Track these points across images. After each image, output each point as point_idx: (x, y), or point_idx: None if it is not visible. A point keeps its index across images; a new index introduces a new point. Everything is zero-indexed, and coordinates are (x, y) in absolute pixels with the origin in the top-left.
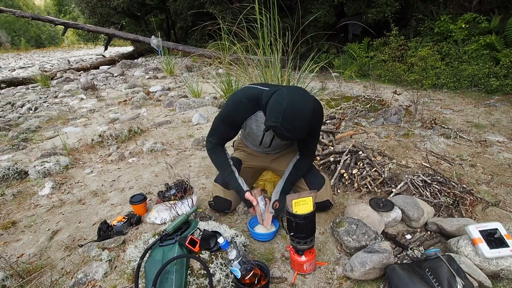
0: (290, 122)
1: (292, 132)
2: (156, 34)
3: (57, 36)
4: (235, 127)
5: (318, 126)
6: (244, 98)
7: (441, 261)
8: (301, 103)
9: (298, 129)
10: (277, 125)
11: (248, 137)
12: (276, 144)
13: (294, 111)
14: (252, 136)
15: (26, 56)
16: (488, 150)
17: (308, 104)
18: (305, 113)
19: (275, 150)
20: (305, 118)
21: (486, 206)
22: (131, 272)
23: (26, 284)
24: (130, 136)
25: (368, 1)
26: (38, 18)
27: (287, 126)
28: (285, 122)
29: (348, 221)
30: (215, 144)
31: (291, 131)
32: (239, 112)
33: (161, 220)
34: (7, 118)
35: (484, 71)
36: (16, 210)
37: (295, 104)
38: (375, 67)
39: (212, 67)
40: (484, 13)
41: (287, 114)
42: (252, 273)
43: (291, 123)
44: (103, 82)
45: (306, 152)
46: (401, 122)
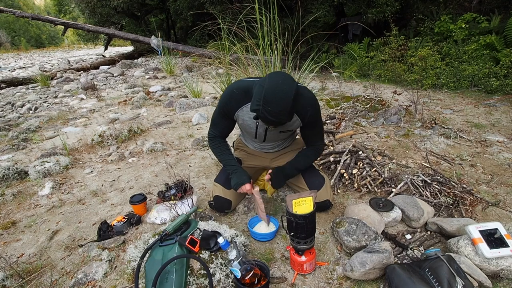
0: (271, 104)
1: (274, 115)
2: (156, 34)
3: (57, 36)
4: (229, 119)
5: (316, 115)
6: (235, 89)
7: (441, 261)
8: (282, 86)
9: (280, 112)
10: (259, 108)
11: (244, 132)
12: (271, 136)
13: (275, 93)
14: (246, 129)
15: (26, 56)
16: (488, 150)
17: (289, 87)
18: (286, 95)
19: (272, 143)
20: (286, 101)
21: (486, 206)
22: (131, 272)
23: (26, 284)
24: (130, 136)
25: (368, 1)
26: (38, 18)
27: (268, 108)
28: (266, 105)
29: (348, 221)
30: (214, 136)
31: (273, 114)
32: (230, 103)
33: (161, 220)
34: (7, 118)
35: (484, 71)
36: (16, 210)
37: (276, 87)
38: (375, 67)
39: (212, 67)
40: (484, 13)
41: (268, 97)
42: (252, 273)
43: (272, 105)
44: (103, 82)
45: (310, 141)
46: (401, 122)
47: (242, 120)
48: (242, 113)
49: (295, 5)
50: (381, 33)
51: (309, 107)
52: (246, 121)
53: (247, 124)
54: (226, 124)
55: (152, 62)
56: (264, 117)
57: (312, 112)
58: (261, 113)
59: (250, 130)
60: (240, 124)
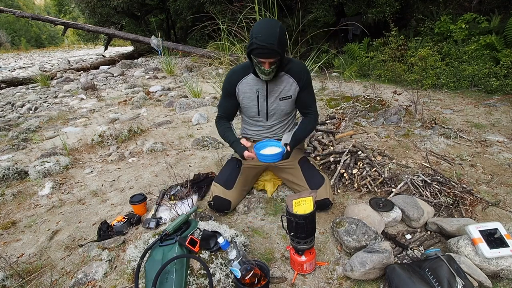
0: (261, 31)
1: (265, 39)
2: (156, 34)
3: (57, 36)
4: (232, 97)
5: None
6: (235, 67)
7: (441, 261)
8: (267, 20)
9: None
10: (253, 41)
11: (246, 113)
12: (273, 106)
13: (263, 25)
14: (248, 104)
15: (26, 56)
16: (488, 150)
17: (274, 21)
18: (272, 24)
19: (276, 121)
20: (273, 28)
21: (486, 206)
22: (131, 272)
23: (26, 284)
24: (130, 136)
25: (368, 1)
26: (38, 18)
27: (259, 36)
28: (257, 34)
29: (348, 221)
30: (219, 118)
31: (264, 39)
32: (232, 79)
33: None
34: (7, 118)
35: (484, 71)
36: (16, 210)
37: (263, 22)
38: (375, 67)
39: (212, 67)
40: (484, 13)
41: (257, 29)
42: (252, 273)
43: (262, 32)
44: (103, 82)
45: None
46: (401, 122)
47: (243, 93)
48: (242, 85)
49: (295, 5)
50: (381, 33)
51: (302, 69)
52: (247, 94)
53: (248, 97)
54: (230, 103)
55: (152, 62)
56: (257, 46)
57: (305, 73)
58: (254, 44)
59: (252, 104)
60: (242, 100)
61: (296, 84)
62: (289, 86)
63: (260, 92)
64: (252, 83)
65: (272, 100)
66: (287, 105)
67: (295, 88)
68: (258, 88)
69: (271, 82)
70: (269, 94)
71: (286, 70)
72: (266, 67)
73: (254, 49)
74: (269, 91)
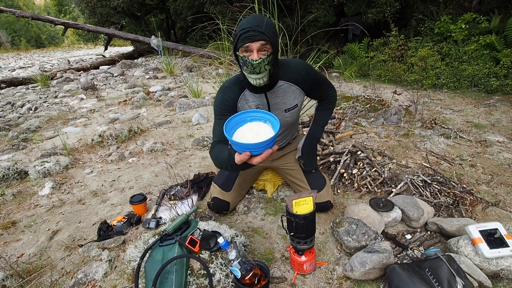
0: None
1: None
2: (156, 34)
3: (57, 36)
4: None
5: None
6: (227, 84)
7: (441, 261)
8: (254, 15)
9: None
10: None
11: None
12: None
13: (247, 18)
14: None
15: (26, 56)
16: (488, 150)
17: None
18: (258, 15)
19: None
20: (259, 17)
21: (486, 206)
22: (131, 272)
23: (26, 284)
24: (130, 136)
25: (368, 1)
26: (38, 18)
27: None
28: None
29: (348, 221)
30: (215, 143)
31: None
32: (228, 96)
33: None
34: (7, 118)
35: (484, 71)
36: (16, 210)
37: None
38: (375, 67)
39: (212, 67)
40: (484, 13)
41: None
42: (252, 273)
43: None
44: (103, 82)
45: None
46: (401, 122)
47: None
48: (242, 103)
49: (295, 5)
50: (381, 33)
51: (303, 71)
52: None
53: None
54: None
55: (152, 62)
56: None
57: (307, 75)
58: (239, 35)
59: None
60: None
61: (300, 91)
62: (293, 95)
63: (260, 107)
64: (250, 99)
65: (276, 113)
66: (293, 115)
67: (300, 95)
68: (258, 103)
69: (271, 94)
70: (272, 107)
71: (285, 78)
72: (255, 56)
73: (239, 38)
74: (271, 104)
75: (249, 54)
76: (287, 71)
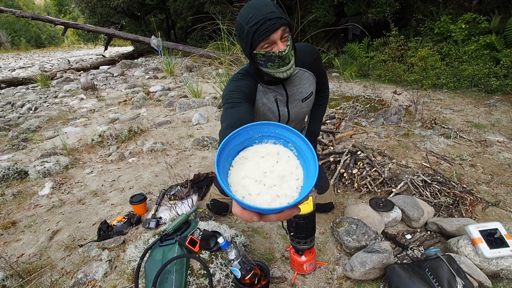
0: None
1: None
2: (156, 34)
3: (57, 36)
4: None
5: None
6: (239, 75)
7: (441, 261)
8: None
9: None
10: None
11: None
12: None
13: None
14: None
15: (26, 56)
16: (488, 150)
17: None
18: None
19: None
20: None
21: (486, 206)
22: (131, 272)
23: (26, 284)
24: (130, 136)
25: (368, 1)
26: (38, 18)
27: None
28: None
29: (348, 221)
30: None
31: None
32: (242, 84)
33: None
34: (7, 118)
35: (484, 71)
36: (16, 210)
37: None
38: (375, 67)
39: (212, 67)
40: (484, 13)
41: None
42: (252, 273)
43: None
44: (103, 82)
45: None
46: (401, 122)
47: (262, 103)
48: (259, 95)
49: (295, 5)
50: (381, 33)
51: (313, 55)
52: (266, 104)
53: (268, 108)
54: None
55: (152, 62)
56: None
57: (318, 59)
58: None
59: (272, 115)
60: (261, 111)
61: (313, 76)
62: (307, 82)
63: (279, 99)
64: (267, 90)
65: (294, 104)
66: (309, 104)
67: (313, 81)
68: (276, 94)
69: (288, 84)
70: (290, 98)
71: (298, 64)
72: (281, 46)
73: (255, 33)
74: (289, 95)
75: (273, 46)
76: (298, 56)
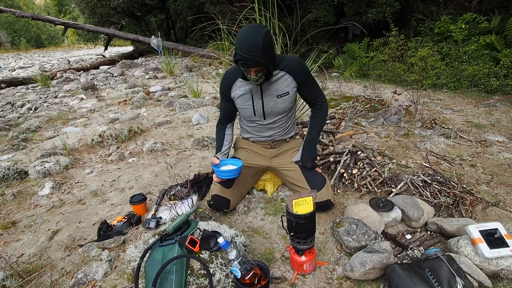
0: (244, 43)
1: (247, 51)
2: (156, 34)
3: (57, 36)
4: (229, 99)
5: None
6: (229, 70)
7: (441, 261)
8: (250, 28)
9: (252, 48)
10: (236, 51)
11: (243, 114)
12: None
13: (245, 34)
14: (243, 105)
15: (26, 56)
16: (488, 150)
17: (257, 28)
18: (255, 33)
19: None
20: (256, 38)
21: (486, 206)
22: (131, 272)
23: (26, 284)
24: (130, 136)
25: (368, 1)
26: (38, 18)
27: (242, 47)
28: (240, 45)
29: (348, 221)
30: (219, 122)
31: (246, 50)
32: (227, 82)
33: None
34: (7, 118)
35: (484, 71)
36: (16, 210)
37: (245, 30)
38: (375, 67)
39: (212, 67)
40: (484, 13)
41: (240, 38)
42: (252, 273)
43: (244, 43)
44: (103, 82)
45: (312, 99)
46: (401, 122)
47: (237, 95)
48: (236, 87)
49: (295, 5)
50: (381, 33)
51: (296, 63)
52: (241, 95)
53: (242, 98)
54: (228, 105)
55: (152, 62)
56: (240, 57)
57: (301, 67)
58: (237, 55)
59: (247, 104)
60: (237, 102)
61: (292, 79)
62: (285, 83)
63: (254, 92)
64: (245, 83)
65: (269, 98)
66: (285, 101)
67: (292, 84)
68: (251, 88)
69: (265, 82)
70: (264, 93)
71: (280, 68)
72: (253, 75)
73: (237, 60)
74: (264, 90)
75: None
76: (282, 63)
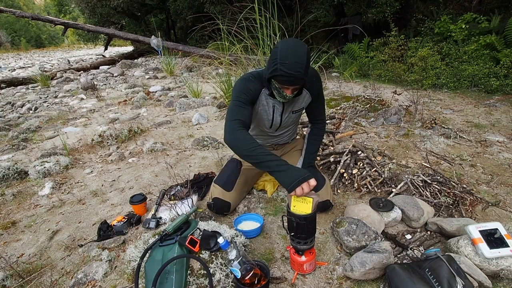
0: (288, 58)
1: (292, 67)
2: (156, 34)
3: (57, 36)
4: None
5: (321, 86)
6: (250, 76)
7: (441, 261)
8: (295, 42)
9: (297, 64)
10: (277, 67)
11: (258, 123)
12: (286, 119)
13: (289, 49)
14: (262, 116)
15: (26, 56)
16: (488, 150)
17: (302, 43)
18: (300, 48)
19: (283, 131)
20: (301, 53)
21: (486, 206)
22: (131, 272)
23: (26, 284)
24: (130, 136)
25: (368, 1)
26: (38, 18)
27: (286, 62)
28: (283, 60)
29: (348, 221)
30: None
31: (291, 66)
32: (250, 86)
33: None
34: (7, 118)
35: (484, 71)
36: (16, 210)
37: (289, 44)
38: (375, 67)
39: (212, 67)
40: (484, 13)
41: (283, 53)
42: (252, 273)
43: (289, 58)
44: (103, 82)
45: (316, 116)
46: (401, 122)
47: (262, 106)
48: (261, 98)
49: (295, 5)
50: (381, 33)
51: (314, 77)
52: (264, 107)
53: (265, 111)
54: (250, 110)
55: (152, 62)
56: (281, 73)
57: (318, 81)
58: (279, 70)
59: (266, 118)
60: (259, 111)
61: (309, 95)
62: (303, 99)
63: (276, 107)
64: (270, 98)
65: (287, 114)
66: (297, 116)
67: (308, 99)
68: (274, 102)
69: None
70: (285, 109)
71: None
72: (289, 93)
73: (278, 76)
74: (285, 107)
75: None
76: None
